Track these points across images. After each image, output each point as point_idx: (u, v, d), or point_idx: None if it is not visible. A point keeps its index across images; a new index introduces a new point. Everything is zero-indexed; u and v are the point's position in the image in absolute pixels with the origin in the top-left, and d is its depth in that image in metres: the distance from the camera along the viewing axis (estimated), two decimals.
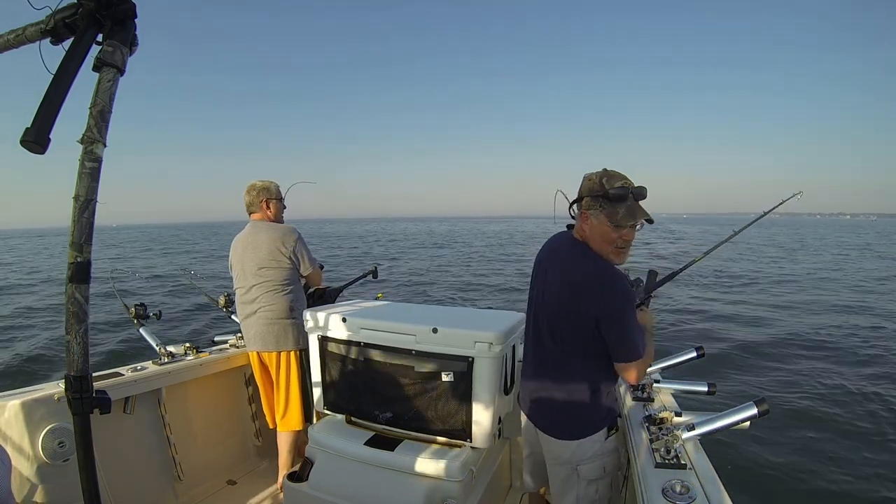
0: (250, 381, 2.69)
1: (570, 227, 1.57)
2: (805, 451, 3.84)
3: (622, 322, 1.38)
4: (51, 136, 0.89)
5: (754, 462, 3.64)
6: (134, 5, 0.99)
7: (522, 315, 1.99)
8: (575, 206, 1.51)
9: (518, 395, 1.78)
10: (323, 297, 2.65)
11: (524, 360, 1.73)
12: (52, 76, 0.91)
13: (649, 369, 1.87)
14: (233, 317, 2.64)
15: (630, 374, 1.44)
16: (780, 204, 2.21)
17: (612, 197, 1.36)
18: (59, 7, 0.97)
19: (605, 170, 1.42)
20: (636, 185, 1.40)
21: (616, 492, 1.63)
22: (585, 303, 1.40)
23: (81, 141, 0.93)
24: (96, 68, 0.96)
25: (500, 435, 2.01)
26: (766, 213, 2.23)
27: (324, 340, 2.05)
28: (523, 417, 1.72)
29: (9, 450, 1.63)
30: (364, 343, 1.94)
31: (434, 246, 29.71)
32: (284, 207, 2.51)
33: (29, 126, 0.87)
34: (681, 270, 2.13)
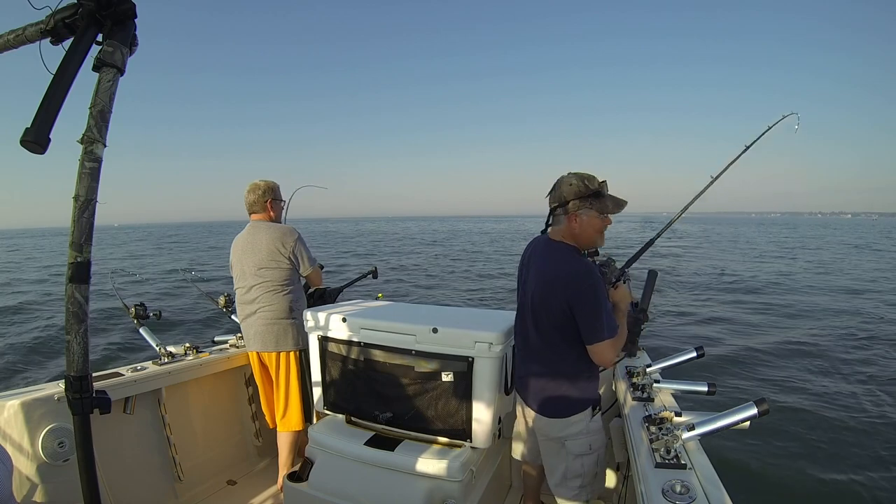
0: (250, 381, 2.69)
1: (544, 231, 1.74)
2: (805, 450, 3.84)
3: (589, 307, 1.53)
4: (51, 136, 0.89)
5: (754, 462, 3.64)
6: (134, 5, 0.99)
7: None
8: (558, 211, 1.63)
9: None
10: (323, 297, 2.65)
11: (515, 349, 1.84)
12: (52, 76, 0.91)
13: (649, 369, 1.88)
14: (233, 317, 2.64)
15: (598, 354, 1.58)
16: (769, 129, 2.21)
17: (599, 194, 1.58)
18: (59, 7, 0.97)
19: (576, 173, 1.61)
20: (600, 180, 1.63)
21: (602, 469, 1.76)
22: (562, 294, 1.56)
23: (81, 141, 0.93)
24: (96, 68, 0.96)
25: (500, 435, 2.01)
26: (748, 147, 2.23)
27: (324, 340, 2.05)
28: (519, 400, 1.86)
29: (9, 450, 1.63)
30: (364, 343, 1.94)
31: (436, 245, 29.70)
32: (282, 208, 2.52)
33: (29, 126, 0.88)
34: (649, 245, 2.30)
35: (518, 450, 1.94)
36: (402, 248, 27.98)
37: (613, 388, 2.13)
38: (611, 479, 2.17)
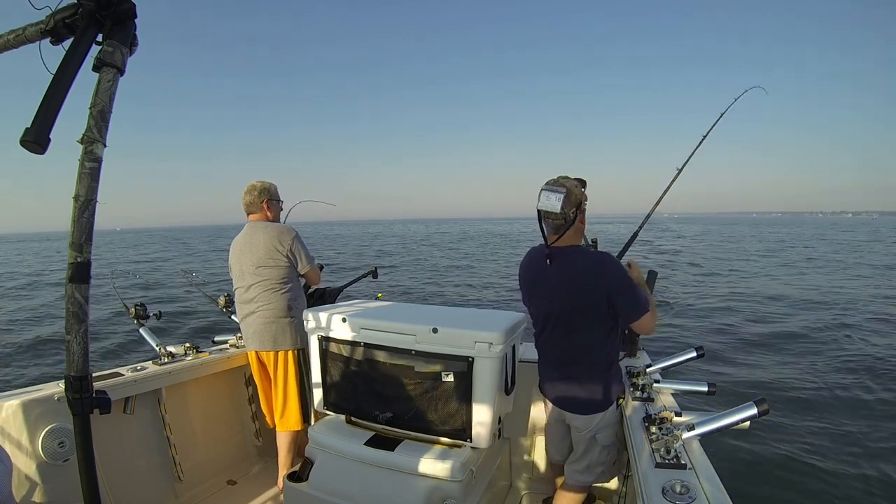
0: (250, 381, 2.69)
1: (547, 241, 1.75)
2: (805, 449, 3.83)
3: (625, 287, 1.64)
4: (51, 137, 0.89)
5: (754, 461, 3.64)
6: (134, 5, 0.99)
7: (522, 315, 1.99)
8: (576, 214, 1.67)
9: (539, 385, 1.95)
10: (323, 297, 2.65)
11: (541, 357, 1.91)
12: (52, 76, 0.91)
13: (649, 369, 1.89)
14: (232, 317, 2.64)
15: (644, 326, 1.68)
16: (736, 101, 2.42)
17: (585, 184, 1.73)
18: (59, 7, 0.97)
19: (562, 177, 1.68)
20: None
21: (619, 455, 1.82)
22: (598, 286, 1.65)
23: (81, 141, 0.93)
24: (96, 68, 0.96)
25: (500, 435, 2.01)
26: (722, 114, 2.43)
27: (324, 340, 2.05)
28: (547, 403, 1.94)
29: (9, 450, 1.63)
30: (364, 343, 1.94)
31: (440, 247, 29.68)
32: (281, 209, 2.53)
33: (29, 126, 0.88)
34: (634, 236, 2.44)
35: (545, 448, 2.05)
36: (403, 248, 27.97)
37: None
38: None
